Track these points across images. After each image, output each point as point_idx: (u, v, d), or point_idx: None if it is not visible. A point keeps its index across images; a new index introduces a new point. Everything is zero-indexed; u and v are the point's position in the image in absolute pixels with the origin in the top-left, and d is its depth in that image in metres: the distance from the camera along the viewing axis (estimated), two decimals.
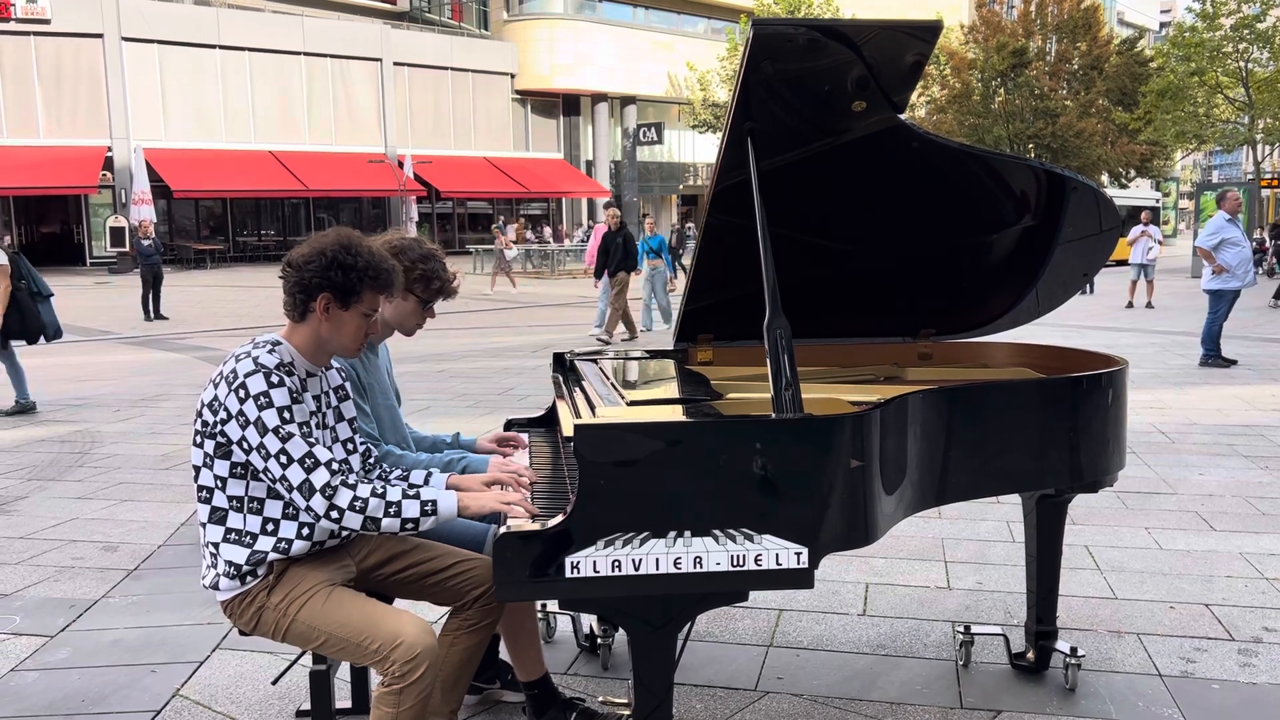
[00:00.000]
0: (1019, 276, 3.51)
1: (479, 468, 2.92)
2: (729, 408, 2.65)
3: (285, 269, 2.41)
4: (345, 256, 2.37)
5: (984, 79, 36.68)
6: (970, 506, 5.11)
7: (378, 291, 2.44)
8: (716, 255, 3.20)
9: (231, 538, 2.39)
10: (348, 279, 2.37)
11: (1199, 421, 7.57)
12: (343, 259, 2.36)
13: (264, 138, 35.09)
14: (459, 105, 40.09)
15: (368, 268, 2.39)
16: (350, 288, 2.38)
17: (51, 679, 3.43)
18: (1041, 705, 3.15)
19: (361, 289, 2.40)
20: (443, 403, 8.74)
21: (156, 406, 8.81)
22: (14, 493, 5.92)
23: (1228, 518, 5.09)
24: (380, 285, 2.43)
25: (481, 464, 2.93)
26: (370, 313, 2.45)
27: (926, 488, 2.62)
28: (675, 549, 2.18)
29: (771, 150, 2.85)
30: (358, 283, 2.38)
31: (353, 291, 2.39)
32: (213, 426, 2.34)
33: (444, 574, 2.63)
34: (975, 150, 3.15)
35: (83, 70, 31.99)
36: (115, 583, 4.36)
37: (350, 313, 2.41)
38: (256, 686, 3.34)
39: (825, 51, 2.63)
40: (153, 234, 18.80)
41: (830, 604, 3.98)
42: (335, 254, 2.36)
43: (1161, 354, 11.40)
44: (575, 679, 3.36)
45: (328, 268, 2.36)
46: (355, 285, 2.38)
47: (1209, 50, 29.29)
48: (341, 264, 2.36)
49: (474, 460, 2.96)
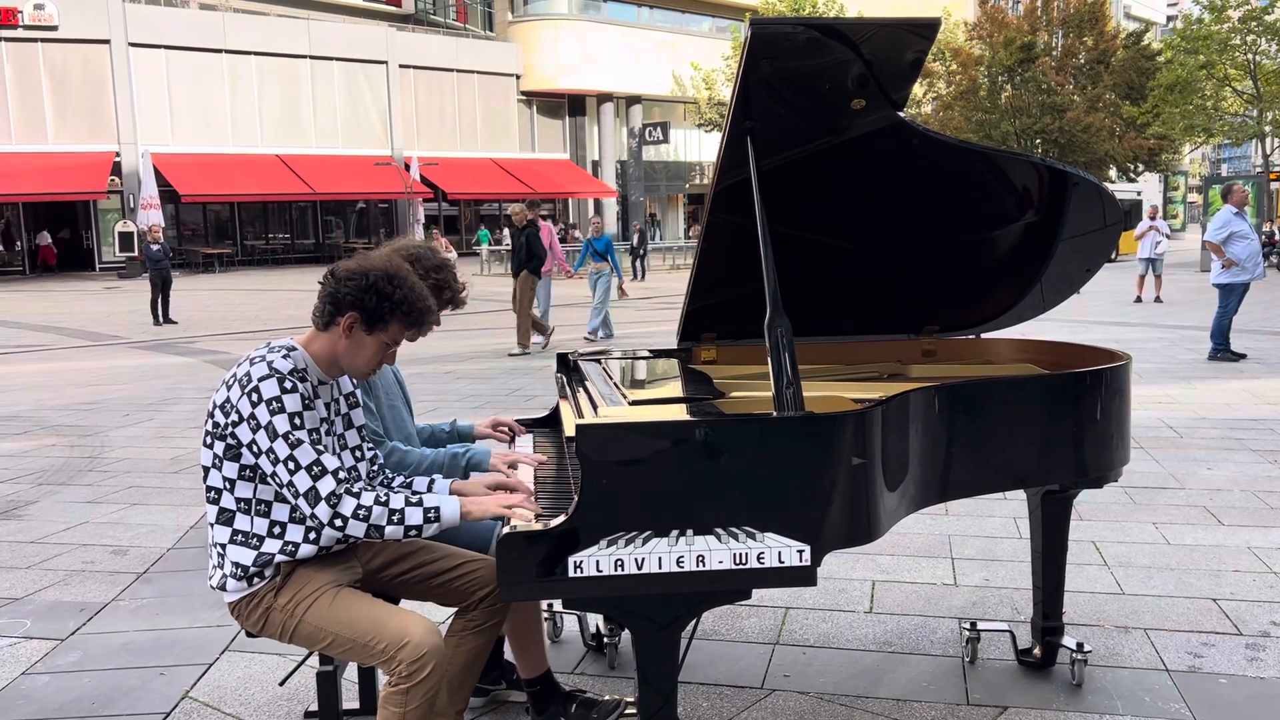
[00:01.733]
0: (1022, 273, 3.51)
1: (481, 459, 2.94)
2: (731, 406, 2.65)
3: (326, 276, 2.42)
4: (385, 285, 2.37)
5: (990, 75, 36.57)
6: (977, 503, 5.10)
7: (406, 327, 2.44)
8: (719, 254, 3.21)
9: (239, 539, 2.41)
10: (380, 307, 2.37)
11: (1207, 416, 7.54)
12: (382, 286, 2.37)
13: (271, 141, 35.20)
14: (464, 107, 40.15)
15: (403, 301, 2.39)
16: (379, 315, 2.38)
17: (62, 682, 3.45)
18: (1048, 701, 3.15)
19: (390, 320, 2.40)
20: (450, 404, 8.76)
21: (166, 411, 8.85)
22: (25, 497, 5.95)
23: (1236, 512, 5.08)
24: (411, 322, 2.43)
25: (484, 455, 2.95)
26: (392, 343, 2.46)
27: (929, 484, 2.62)
28: (678, 548, 2.19)
29: (771, 149, 2.86)
30: (389, 313, 2.39)
31: (380, 319, 2.39)
32: (223, 428, 2.35)
33: (449, 575, 2.64)
34: (976, 147, 3.15)
35: (90, 76, 32.13)
36: (125, 586, 4.39)
37: (372, 338, 2.42)
38: (265, 688, 3.36)
39: (824, 50, 2.64)
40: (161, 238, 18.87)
41: (836, 601, 3.99)
42: (377, 279, 2.37)
43: (1170, 349, 11.36)
44: (582, 678, 3.37)
45: (365, 289, 2.37)
46: (385, 315, 2.39)
47: (1217, 43, 29.15)
48: (379, 291, 2.37)
49: (477, 452, 2.99)
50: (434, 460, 2.94)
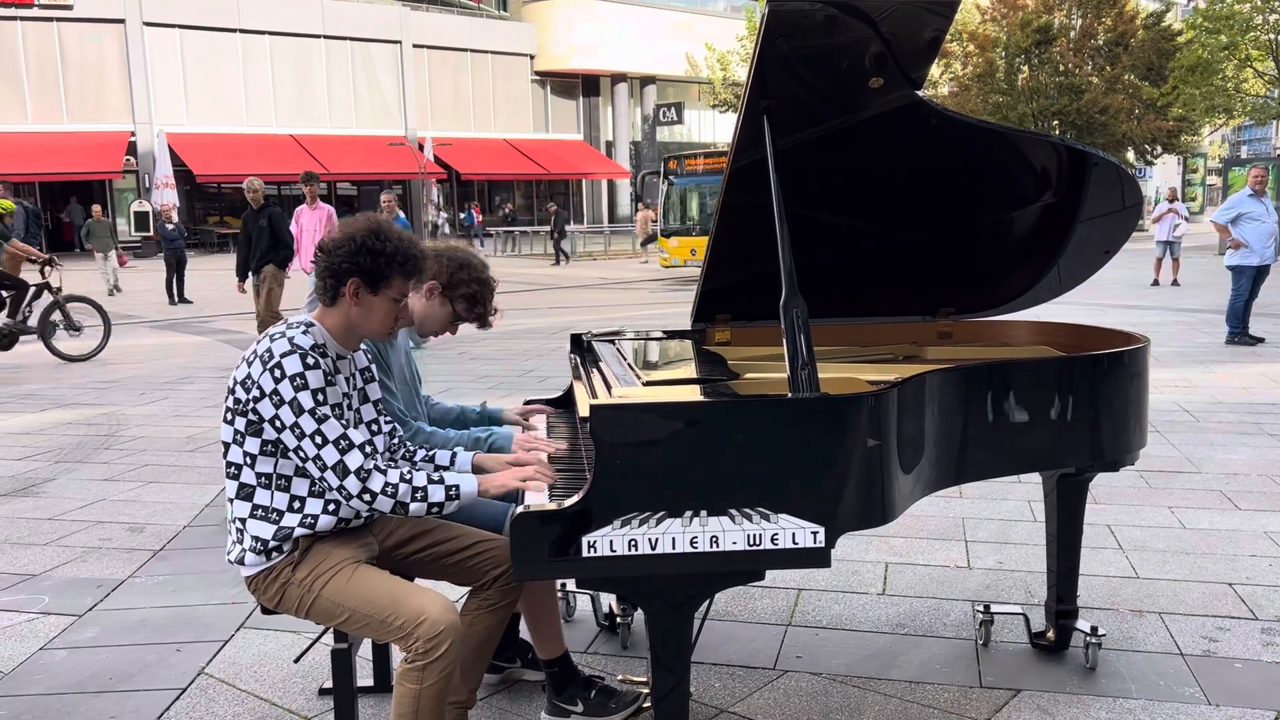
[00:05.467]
0: (1039, 254, 3.48)
1: (504, 444, 2.96)
2: (746, 388, 2.64)
3: (317, 254, 2.45)
4: (374, 242, 2.40)
5: (1007, 56, 36.21)
6: (992, 486, 5.09)
7: (407, 277, 2.47)
8: (734, 235, 3.19)
9: (259, 514, 2.42)
10: (376, 264, 2.40)
11: (1224, 400, 7.49)
12: (371, 244, 2.39)
13: (285, 122, 35.20)
14: (478, 87, 40.04)
15: (396, 253, 2.42)
16: (379, 273, 2.41)
17: (80, 657, 3.48)
18: (1061, 684, 3.14)
19: (391, 274, 2.43)
20: (463, 385, 8.78)
21: (181, 389, 8.89)
22: (42, 475, 6.00)
23: (1253, 496, 5.05)
24: (409, 271, 2.46)
25: (507, 439, 2.97)
26: (400, 298, 2.48)
27: (944, 467, 2.61)
28: (692, 528, 2.19)
29: (788, 129, 2.83)
30: (386, 268, 2.41)
31: (381, 276, 2.42)
32: (244, 404, 2.36)
33: (464, 554, 2.65)
34: (994, 127, 3.12)
35: (105, 56, 32.18)
36: (141, 563, 4.42)
37: (379, 297, 2.44)
38: (280, 665, 3.38)
39: (842, 28, 2.61)
40: (175, 218, 18.93)
41: (850, 583, 3.98)
42: (364, 239, 2.39)
43: (1187, 332, 11.28)
44: (595, 658, 3.38)
45: (356, 253, 2.39)
46: (384, 270, 2.41)
47: (1239, 23, 28.76)
48: (370, 249, 2.39)
49: (500, 436, 3.01)
50: (458, 442, 2.97)
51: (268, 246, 10.05)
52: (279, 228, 10.12)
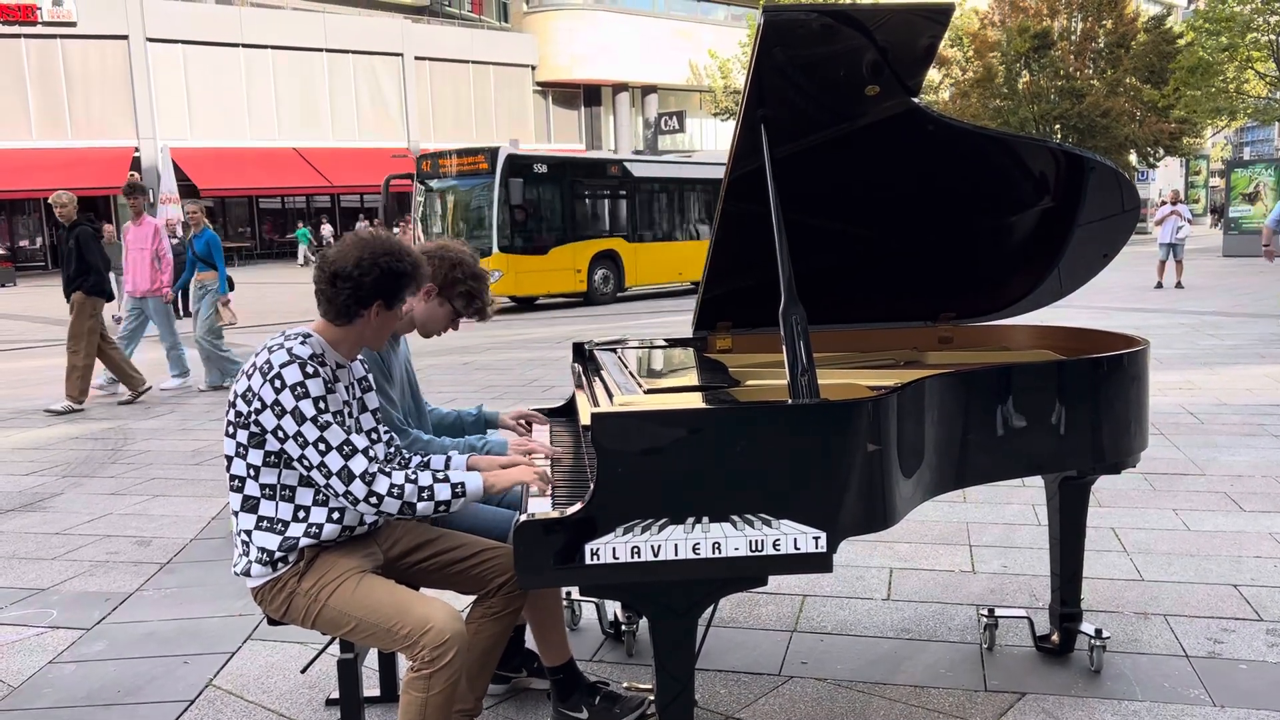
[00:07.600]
0: (1039, 258, 3.49)
1: (499, 451, 2.98)
2: (747, 395, 2.66)
3: (336, 280, 2.42)
4: (397, 264, 2.44)
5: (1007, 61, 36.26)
6: (996, 490, 5.09)
7: (415, 291, 2.57)
8: (733, 242, 3.21)
9: (264, 525, 2.44)
10: (399, 284, 2.47)
11: (1228, 402, 7.48)
12: (395, 266, 2.44)
13: (288, 135, 35.36)
14: (480, 98, 40.19)
15: (416, 270, 2.50)
16: (399, 294, 2.49)
17: (88, 670, 3.50)
18: (1066, 687, 3.14)
19: (408, 291, 2.52)
20: (468, 394, 8.80)
21: (187, 402, 8.92)
22: (50, 489, 6.03)
23: (1257, 498, 5.05)
24: (420, 283, 2.57)
25: (501, 447, 2.99)
26: (406, 308, 2.58)
27: (945, 471, 2.62)
28: (694, 535, 2.20)
29: (785, 137, 2.85)
30: (404, 288, 2.50)
31: (401, 295, 2.50)
32: (246, 416, 2.38)
33: (468, 562, 2.67)
34: (991, 132, 3.13)
35: (109, 71, 32.36)
36: (149, 576, 4.44)
37: (393, 312, 2.52)
38: (287, 676, 3.39)
39: (837, 37, 2.63)
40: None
41: (854, 589, 3.99)
42: (388, 263, 2.43)
43: (1191, 334, 11.27)
44: (600, 665, 3.39)
45: (384, 277, 2.43)
46: (405, 288, 2.50)
47: (1239, 24, 28.78)
48: (395, 271, 2.44)
49: (494, 443, 3.03)
50: (451, 449, 2.98)
51: (75, 271, 8.79)
52: (86, 249, 8.81)
